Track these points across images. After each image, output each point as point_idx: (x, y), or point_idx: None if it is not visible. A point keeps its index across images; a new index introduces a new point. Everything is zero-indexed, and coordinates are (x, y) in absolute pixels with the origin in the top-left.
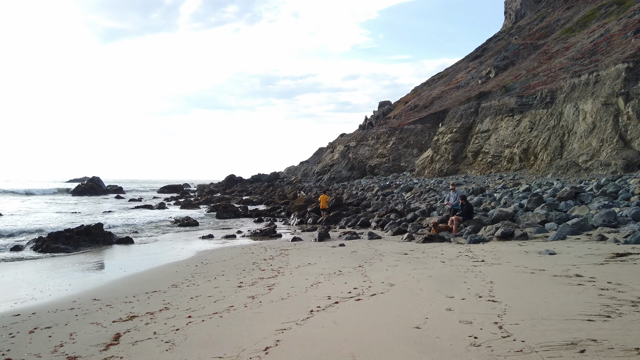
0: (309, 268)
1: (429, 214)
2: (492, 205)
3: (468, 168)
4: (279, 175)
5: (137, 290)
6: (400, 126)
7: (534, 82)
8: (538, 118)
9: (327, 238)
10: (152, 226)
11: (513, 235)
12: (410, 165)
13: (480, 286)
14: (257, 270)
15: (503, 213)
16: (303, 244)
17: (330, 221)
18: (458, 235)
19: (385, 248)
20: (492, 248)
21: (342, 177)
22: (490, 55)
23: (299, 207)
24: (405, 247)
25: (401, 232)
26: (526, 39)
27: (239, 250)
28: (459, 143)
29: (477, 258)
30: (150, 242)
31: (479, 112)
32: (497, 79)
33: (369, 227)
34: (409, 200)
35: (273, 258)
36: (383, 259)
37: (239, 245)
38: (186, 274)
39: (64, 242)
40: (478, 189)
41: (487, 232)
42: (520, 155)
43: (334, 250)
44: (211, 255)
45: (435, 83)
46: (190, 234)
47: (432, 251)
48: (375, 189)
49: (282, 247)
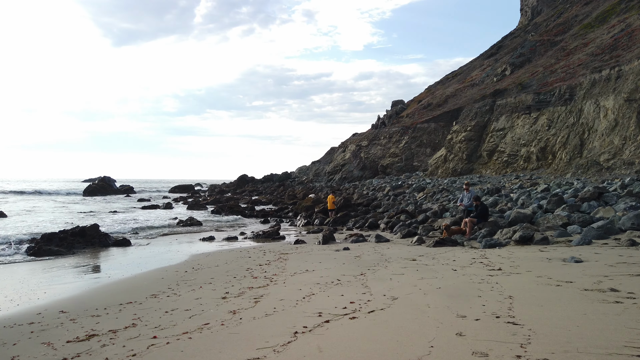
0: (306, 276)
1: (442, 215)
2: (509, 206)
3: (483, 167)
4: (290, 175)
5: (112, 300)
6: (413, 125)
7: (551, 79)
8: (556, 115)
9: (331, 241)
10: (154, 227)
11: (532, 239)
12: (423, 165)
13: (497, 302)
14: (249, 277)
15: (521, 215)
16: (305, 247)
17: (338, 222)
18: (472, 238)
19: (393, 253)
20: (509, 254)
21: (353, 177)
22: (505, 52)
23: (307, 208)
24: (415, 251)
25: (411, 234)
26: (543, 36)
27: (236, 254)
28: (474, 142)
29: (493, 266)
30: (147, 244)
31: (494, 109)
32: (513, 77)
33: (377, 229)
34: (421, 200)
35: (270, 263)
36: (388, 265)
37: (238, 248)
38: (172, 281)
39: (58, 244)
40: (493, 189)
41: (503, 235)
42: (537, 154)
43: (337, 254)
44: (205, 259)
45: (449, 82)
46: (192, 236)
47: (443, 257)
48: (386, 189)
49: (282, 250)
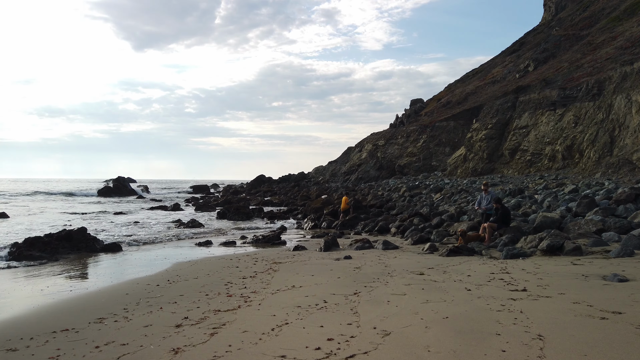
0: (289, 294)
1: (458, 218)
2: (533, 209)
3: (504, 167)
4: (306, 176)
5: (50, 325)
6: (432, 123)
7: (577, 74)
8: (583, 111)
9: (334, 247)
10: (152, 230)
11: (562, 248)
12: (442, 165)
13: (522, 345)
14: (223, 295)
15: (548, 219)
16: (304, 254)
17: (346, 225)
18: (491, 246)
19: (399, 263)
20: (535, 267)
21: (370, 177)
22: (528, 48)
23: (316, 210)
24: (424, 262)
25: (423, 240)
26: (568, 30)
27: (224, 263)
28: (495, 140)
29: (515, 284)
30: (138, 249)
31: (516, 106)
32: (536, 73)
33: (387, 234)
34: (438, 202)
35: (255, 276)
36: (390, 281)
37: (231, 254)
38: (135, 298)
39: (41, 249)
40: (516, 190)
41: (528, 243)
42: (563, 152)
43: (335, 265)
44: (188, 269)
45: (470, 79)
46: (189, 239)
47: (457, 270)
48: (402, 189)
49: (277, 258)
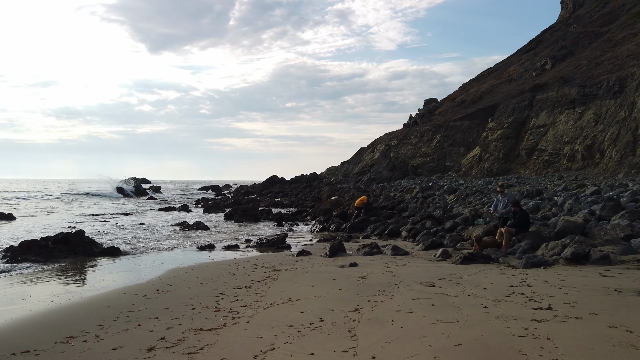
0: (282, 310)
1: (473, 222)
2: (554, 212)
3: (521, 167)
4: (318, 177)
5: (12, 345)
6: (446, 123)
7: (597, 72)
8: (604, 110)
9: (340, 252)
10: (157, 232)
11: (589, 257)
12: (456, 165)
13: None
14: (211, 310)
15: (570, 224)
16: (308, 260)
17: (356, 228)
18: (509, 253)
19: (408, 272)
20: (559, 278)
21: (382, 178)
22: (545, 46)
23: (325, 211)
24: (436, 270)
25: (435, 245)
26: (586, 27)
27: (221, 270)
28: (511, 140)
29: (539, 300)
30: (137, 252)
31: (533, 105)
32: (554, 71)
33: (398, 237)
34: (452, 204)
35: (251, 285)
36: (397, 294)
37: (230, 260)
38: (115, 312)
39: (37, 253)
40: (534, 192)
41: (549, 250)
42: (583, 152)
43: (338, 273)
44: (183, 276)
45: (485, 78)
46: (192, 243)
47: (471, 281)
48: (415, 190)
49: (278, 265)
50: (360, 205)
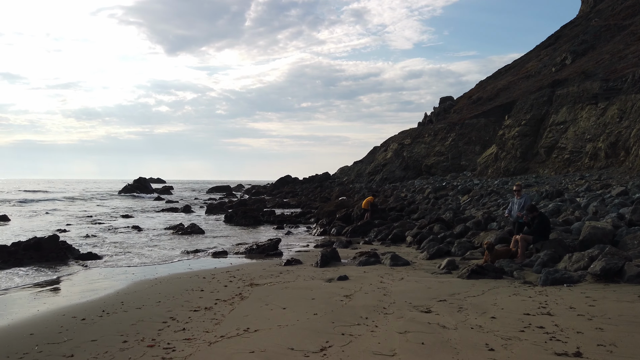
0: (230, 347)
1: (486, 226)
2: (577, 215)
3: (540, 166)
4: (330, 176)
5: None
6: (461, 121)
7: (621, 65)
8: (630, 105)
9: (334, 261)
10: (147, 236)
11: (623, 273)
12: (472, 164)
13: None
14: (144, 344)
15: (598, 231)
16: (294, 271)
17: (358, 232)
18: (525, 265)
19: (404, 289)
20: (587, 303)
21: (395, 178)
22: (565, 41)
23: (329, 213)
24: (437, 288)
25: (442, 253)
26: (608, 20)
27: (190, 284)
28: (529, 137)
29: (563, 337)
30: (112, 260)
31: (553, 100)
32: (574, 66)
33: (403, 243)
34: (465, 205)
35: (212, 307)
36: (382, 323)
37: (208, 270)
38: (29, 345)
39: (5, 259)
40: (554, 192)
41: (573, 263)
42: (606, 150)
43: (322, 289)
44: (143, 292)
45: (502, 76)
46: (180, 248)
47: (477, 304)
48: (426, 191)
49: (258, 277)
50: (367, 206)
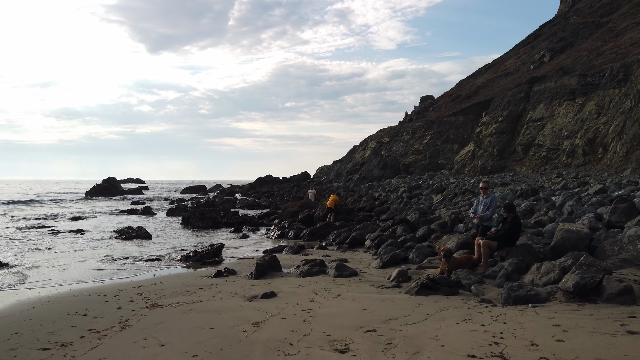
0: None
1: (452, 228)
2: (550, 215)
3: (517, 164)
4: (309, 176)
5: None
6: (439, 119)
7: (598, 61)
8: (608, 100)
9: (272, 271)
10: (84, 242)
11: (601, 290)
12: (450, 163)
13: None
14: None
15: (572, 235)
16: (220, 285)
17: (316, 235)
18: (487, 276)
19: (333, 311)
20: (554, 334)
21: (373, 177)
22: (543, 39)
23: (292, 214)
24: (374, 309)
25: (397, 261)
26: (586, 17)
27: (80, 304)
28: (506, 135)
29: None
30: (25, 269)
31: (530, 96)
32: (552, 63)
33: (361, 247)
34: (436, 205)
35: (73, 343)
36: None
37: (116, 285)
38: None
39: None
40: (529, 190)
41: (542, 276)
42: (584, 147)
43: (234, 311)
44: (13, 316)
45: (482, 74)
46: (113, 253)
47: (415, 336)
48: (400, 190)
49: (166, 295)
50: (332, 205)
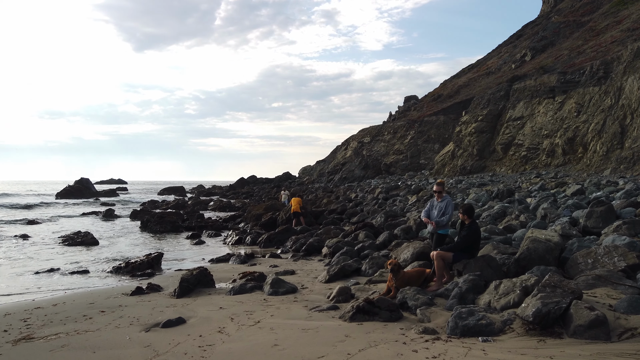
0: None
1: (417, 234)
2: (522, 220)
3: (497, 164)
4: (291, 176)
5: None
6: (420, 118)
7: (579, 60)
8: (587, 98)
9: (201, 287)
10: (25, 246)
11: (567, 320)
12: (431, 163)
13: None
14: None
15: (540, 245)
16: (130, 307)
17: (274, 241)
18: (440, 295)
19: (237, 348)
20: None
21: (354, 177)
22: (525, 39)
23: (257, 216)
24: (288, 345)
25: (346, 274)
26: (568, 17)
27: None
28: (486, 134)
29: None
30: None
31: (510, 95)
32: (533, 62)
33: (318, 255)
34: (409, 206)
35: None
36: None
37: (3, 308)
38: None
39: None
40: (504, 192)
41: (500, 297)
42: (563, 146)
43: (120, 348)
44: None
45: (465, 74)
46: (40, 265)
47: None
48: (377, 190)
49: (53, 323)
50: (298, 209)
